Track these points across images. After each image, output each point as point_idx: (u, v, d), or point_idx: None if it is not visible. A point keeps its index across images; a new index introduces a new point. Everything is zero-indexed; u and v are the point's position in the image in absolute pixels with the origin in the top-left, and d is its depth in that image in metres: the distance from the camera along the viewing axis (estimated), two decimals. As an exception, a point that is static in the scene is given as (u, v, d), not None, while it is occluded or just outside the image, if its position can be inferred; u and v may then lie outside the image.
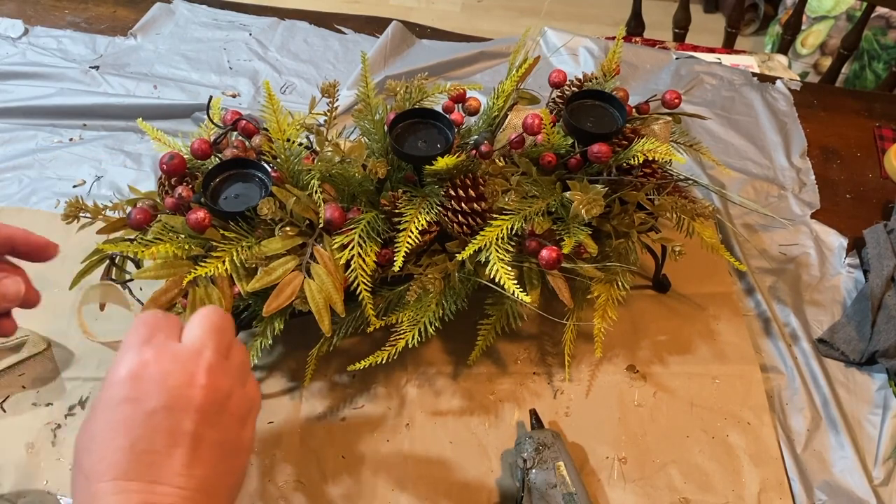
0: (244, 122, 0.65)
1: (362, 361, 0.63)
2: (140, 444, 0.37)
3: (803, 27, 2.13)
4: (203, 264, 0.55)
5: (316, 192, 0.58)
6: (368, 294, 0.58)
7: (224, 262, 0.56)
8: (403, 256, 0.58)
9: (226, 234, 0.57)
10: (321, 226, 0.58)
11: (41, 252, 0.51)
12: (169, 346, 0.41)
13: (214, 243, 0.57)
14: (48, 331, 0.72)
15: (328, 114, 0.62)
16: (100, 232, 0.59)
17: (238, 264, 0.56)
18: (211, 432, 0.39)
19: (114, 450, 0.37)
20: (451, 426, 0.69)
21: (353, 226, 0.59)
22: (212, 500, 0.38)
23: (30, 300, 0.50)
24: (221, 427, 0.40)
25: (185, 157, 0.61)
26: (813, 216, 0.89)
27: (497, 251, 0.59)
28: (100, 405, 0.39)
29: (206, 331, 0.43)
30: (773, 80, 1.09)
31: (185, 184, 0.60)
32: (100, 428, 0.38)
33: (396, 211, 0.60)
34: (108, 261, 0.62)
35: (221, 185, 0.59)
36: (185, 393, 0.39)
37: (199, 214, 0.55)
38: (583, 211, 0.59)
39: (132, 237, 0.59)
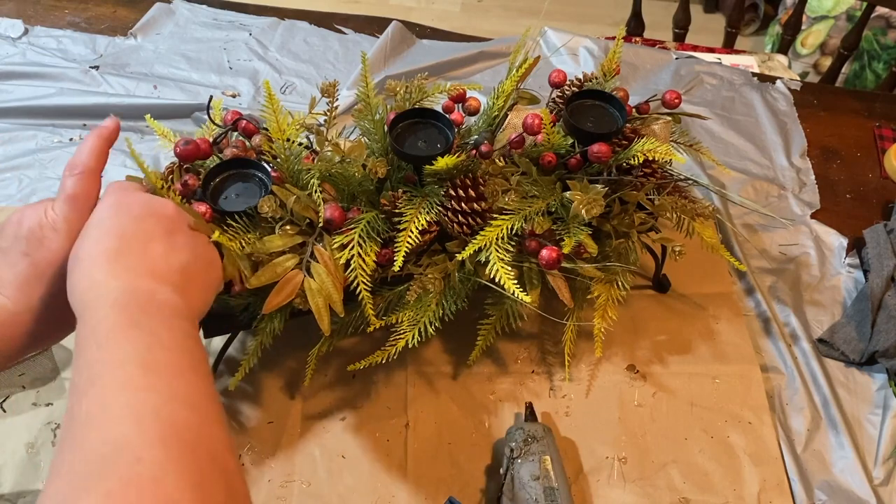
0: (244, 122, 0.65)
1: (362, 361, 0.63)
2: (125, 237, 0.46)
3: (803, 27, 2.13)
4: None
5: (316, 191, 0.58)
6: (368, 294, 0.58)
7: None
8: (403, 256, 0.58)
9: (227, 233, 0.57)
10: (321, 225, 0.58)
11: None
12: (142, 192, 0.52)
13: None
14: (48, 331, 0.72)
15: (328, 114, 0.62)
16: None
17: (244, 256, 0.56)
18: (182, 236, 0.49)
19: (106, 241, 0.46)
20: (451, 426, 0.69)
21: (352, 225, 0.59)
22: (188, 282, 0.47)
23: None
24: (190, 235, 0.50)
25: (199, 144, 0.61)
26: (813, 216, 0.89)
27: (497, 251, 0.59)
28: (91, 223, 0.48)
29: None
30: (773, 80, 1.09)
31: (195, 173, 0.60)
32: (92, 232, 0.47)
33: (396, 211, 0.60)
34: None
35: (222, 185, 0.59)
36: (159, 206, 0.50)
37: (201, 209, 0.55)
38: (583, 211, 0.59)
39: None
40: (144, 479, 0.34)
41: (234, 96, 1.01)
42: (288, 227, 0.57)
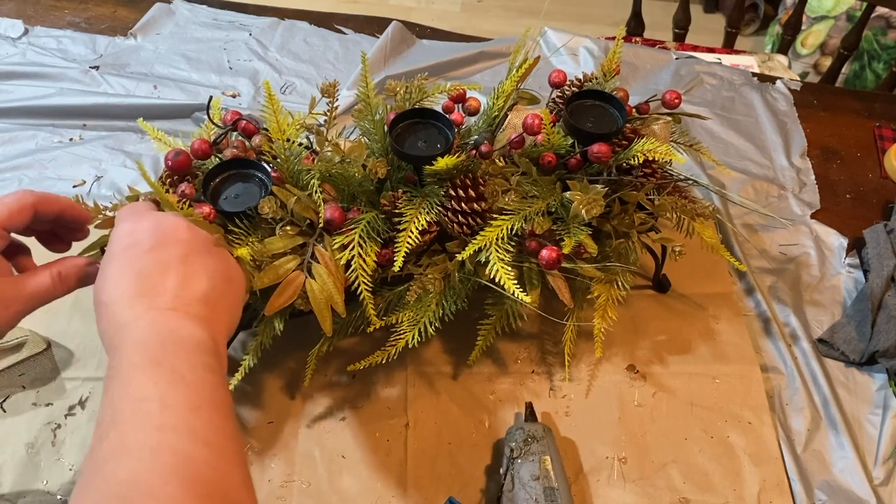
0: (244, 122, 0.65)
1: (362, 361, 0.63)
2: (142, 274, 0.46)
3: (803, 27, 2.13)
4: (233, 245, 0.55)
5: (316, 192, 0.58)
6: (370, 294, 0.58)
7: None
8: (403, 256, 0.58)
9: (229, 234, 0.57)
10: (321, 226, 0.58)
11: (82, 224, 0.57)
12: (154, 213, 0.52)
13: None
14: (48, 331, 0.73)
15: (328, 114, 0.62)
16: (99, 226, 0.59)
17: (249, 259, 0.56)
18: (198, 260, 0.48)
19: (124, 281, 0.46)
20: (451, 426, 0.69)
21: (353, 226, 0.59)
22: (210, 309, 0.47)
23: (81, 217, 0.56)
24: (207, 256, 0.49)
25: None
26: (813, 216, 0.89)
27: (497, 251, 0.59)
28: (107, 260, 0.48)
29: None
30: (773, 80, 1.09)
31: (187, 181, 0.60)
32: (110, 272, 0.47)
33: (396, 211, 0.60)
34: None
35: (221, 185, 0.59)
36: (171, 233, 0.49)
37: (205, 210, 0.55)
38: (583, 211, 0.59)
39: None
40: None
41: (234, 96, 1.01)
42: (288, 228, 0.57)
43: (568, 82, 0.71)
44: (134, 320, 0.44)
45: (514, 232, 0.60)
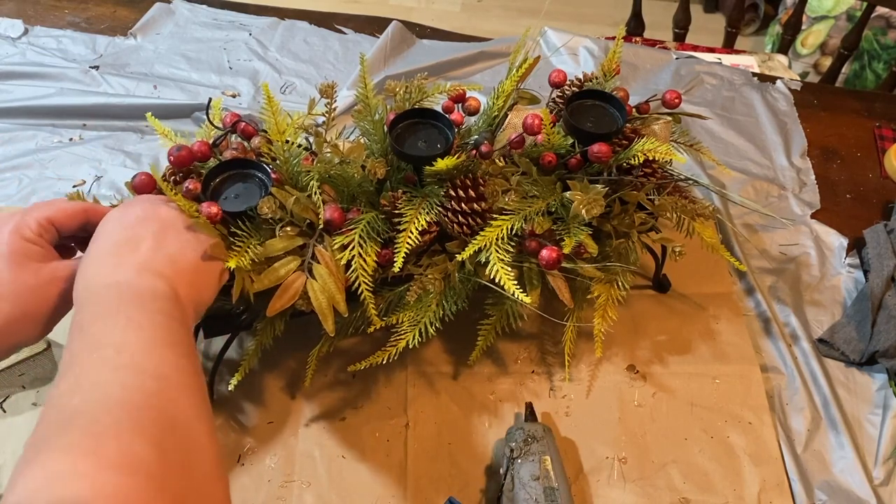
0: (243, 124, 0.65)
1: (363, 362, 0.63)
2: (122, 240, 0.51)
3: (803, 27, 2.13)
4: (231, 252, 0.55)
5: (315, 193, 0.58)
6: (370, 294, 0.58)
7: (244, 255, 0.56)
8: (403, 257, 0.58)
9: (231, 236, 0.57)
10: (321, 226, 0.58)
11: None
12: (144, 198, 0.56)
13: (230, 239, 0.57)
14: (48, 331, 0.72)
15: (327, 115, 0.62)
16: None
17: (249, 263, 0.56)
18: (173, 234, 0.52)
19: (108, 245, 0.51)
20: (451, 426, 0.69)
21: (352, 226, 0.59)
22: (175, 269, 0.50)
23: None
24: (183, 232, 0.53)
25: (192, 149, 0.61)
26: (813, 216, 0.89)
27: (497, 251, 0.59)
28: (98, 232, 0.52)
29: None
30: (773, 79, 1.09)
31: (192, 177, 0.60)
32: (99, 240, 0.52)
33: (396, 211, 0.60)
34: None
35: (221, 186, 0.59)
36: (151, 211, 0.53)
37: (213, 210, 0.55)
38: (583, 211, 0.59)
39: None
40: (104, 434, 0.38)
41: (234, 96, 1.01)
42: (289, 229, 0.57)
43: (568, 82, 0.71)
44: (98, 278, 0.48)
45: (514, 232, 0.60)
